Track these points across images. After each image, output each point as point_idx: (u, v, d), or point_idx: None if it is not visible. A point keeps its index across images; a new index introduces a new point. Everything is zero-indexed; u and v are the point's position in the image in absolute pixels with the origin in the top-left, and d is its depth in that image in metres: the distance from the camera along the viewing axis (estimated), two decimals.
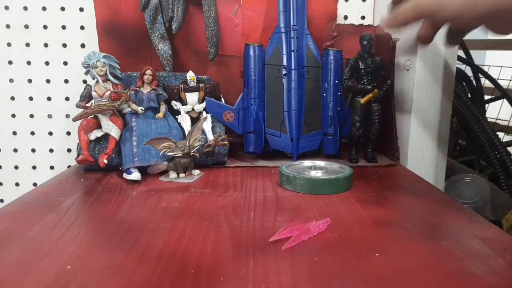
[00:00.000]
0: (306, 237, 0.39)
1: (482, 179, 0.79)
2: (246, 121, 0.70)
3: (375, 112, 0.69)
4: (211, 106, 0.70)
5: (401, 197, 0.55)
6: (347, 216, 0.46)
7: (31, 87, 0.84)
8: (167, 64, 0.74)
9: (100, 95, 0.65)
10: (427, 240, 0.40)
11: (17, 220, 0.45)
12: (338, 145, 0.72)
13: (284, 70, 0.71)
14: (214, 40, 0.73)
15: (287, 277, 0.32)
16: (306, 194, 0.54)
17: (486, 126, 0.85)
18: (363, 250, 0.37)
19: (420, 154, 0.71)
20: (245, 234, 0.41)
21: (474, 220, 0.45)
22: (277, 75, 0.71)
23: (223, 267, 0.34)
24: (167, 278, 0.32)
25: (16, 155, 0.86)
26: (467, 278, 0.33)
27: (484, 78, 1.07)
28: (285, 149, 0.71)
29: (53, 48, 0.82)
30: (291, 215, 0.46)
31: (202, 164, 0.66)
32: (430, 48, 0.67)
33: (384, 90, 0.68)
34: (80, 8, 0.81)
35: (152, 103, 0.67)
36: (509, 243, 0.38)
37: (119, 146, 0.64)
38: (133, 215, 0.46)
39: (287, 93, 0.71)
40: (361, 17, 0.84)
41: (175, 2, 0.72)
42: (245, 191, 0.55)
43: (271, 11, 0.76)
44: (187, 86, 0.70)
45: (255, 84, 0.70)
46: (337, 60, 0.71)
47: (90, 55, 0.65)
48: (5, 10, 0.81)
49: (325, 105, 0.72)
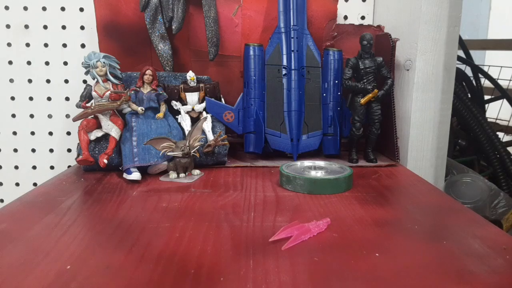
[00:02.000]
0: (306, 237, 0.40)
1: (482, 179, 0.79)
2: (246, 121, 0.70)
3: (375, 112, 0.69)
4: (211, 106, 0.70)
5: (401, 197, 0.55)
6: (347, 216, 0.46)
7: (31, 87, 0.84)
8: (167, 64, 0.74)
9: (100, 95, 0.65)
10: (427, 240, 0.40)
11: (17, 220, 0.45)
12: (338, 145, 0.72)
13: (284, 70, 0.71)
14: (214, 40, 0.73)
15: (287, 277, 0.32)
16: (306, 194, 0.54)
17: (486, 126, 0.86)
18: (363, 250, 0.37)
19: (420, 154, 0.71)
20: (245, 234, 0.41)
21: (474, 220, 0.45)
22: (277, 75, 0.71)
23: (223, 267, 0.34)
24: (167, 278, 0.32)
25: (16, 155, 0.86)
26: (467, 278, 0.33)
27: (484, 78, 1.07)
28: (285, 149, 0.71)
29: (53, 48, 0.82)
30: (291, 215, 0.46)
31: (202, 164, 0.66)
32: (430, 48, 0.67)
33: (384, 90, 0.68)
34: (80, 8, 0.81)
35: (152, 103, 0.67)
36: (509, 243, 0.38)
37: (119, 146, 0.64)
38: (133, 215, 0.46)
39: (287, 93, 0.71)
40: (361, 17, 0.84)
41: (175, 2, 0.72)
42: (245, 191, 0.55)
43: (271, 11, 0.76)
44: (187, 86, 0.70)
45: (255, 84, 0.70)
46: (337, 60, 0.71)
47: (90, 55, 0.65)
48: (5, 10, 0.81)
49: (325, 105, 0.72)
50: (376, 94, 0.68)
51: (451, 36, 0.68)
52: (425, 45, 0.67)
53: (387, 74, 0.68)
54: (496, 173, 0.84)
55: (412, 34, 0.69)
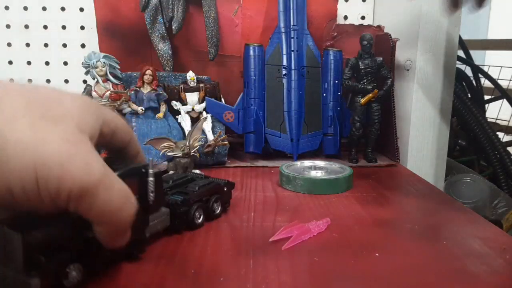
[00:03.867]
0: (306, 237, 0.39)
1: (482, 179, 0.79)
2: (246, 121, 0.70)
3: (375, 112, 0.69)
4: (211, 106, 0.70)
5: (401, 197, 0.55)
6: (347, 216, 0.46)
7: None
8: (167, 64, 0.74)
9: (100, 95, 0.65)
10: (427, 240, 0.40)
11: None
12: (338, 145, 0.72)
13: (284, 70, 0.71)
14: (214, 40, 0.73)
15: (287, 277, 0.32)
16: (306, 194, 0.54)
17: (486, 126, 0.86)
18: (363, 250, 0.37)
19: (420, 154, 0.71)
20: (245, 234, 0.41)
21: (474, 220, 0.45)
22: (277, 75, 0.71)
23: (223, 267, 0.34)
24: (167, 278, 0.32)
25: None
26: (467, 278, 0.33)
27: (484, 78, 1.07)
28: (285, 149, 0.71)
29: (53, 48, 0.82)
30: (291, 215, 0.46)
31: (202, 164, 0.66)
32: (430, 48, 0.67)
33: (384, 90, 0.68)
34: (80, 8, 0.81)
35: (152, 103, 0.67)
36: (509, 243, 0.38)
37: None
38: None
39: (287, 93, 0.71)
40: (361, 17, 0.84)
41: (175, 2, 0.72)
42: (245, 191, 0.55)
43: (271, 11, 0.76)
44: (187, 86, 0.70)
45: (255, 84, 0.70)
46: (337, 60, 0.71)
47: (90, 55, 0.65)
48: (5, 10, 0.81)
49: (325, 105, 0.72)
50: (376, 94, 0.68)
51: (451, 36, 0.68)
52: (425, 45, 0.67)
53: (387, 74, 0.68)
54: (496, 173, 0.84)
55: (412, 34, 0.68)
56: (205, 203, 0.43)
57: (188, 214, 0.41)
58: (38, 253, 0.27)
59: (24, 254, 0.26)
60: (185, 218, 0.40)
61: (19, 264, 0.26)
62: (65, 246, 0.28)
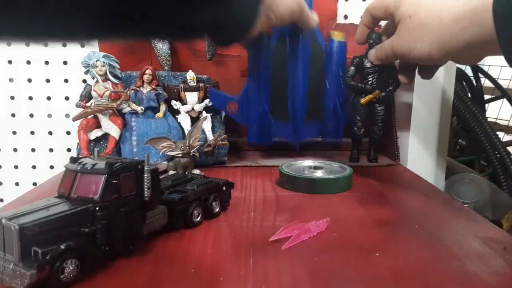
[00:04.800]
0: (306, 237, 0.39)
1: (482, 179, 0.79)
2: (249, 111, 0.69)
3: (379, 113, 0.68)
4: (214, 97, 0.69)
5: (401, 197, 0.55)
6: (347, 216, 0.46)
7: (31, 87, 0.83)
8: (165, 64, 0.74)
9: (100, 94, 0.65)
10: (427, 240, 0.40)
11: None
12: (340, 132, 0.71)
13: (288, 59, 0.70)
14: None
15: (287, 277, 0.32)
16: (306, 194, 0.54)
17: (486, 126, 0.85)
18: (363, 250, 0.37)
19: (420, 154, 0.71)
20: (245, 234, 0.41)
21: (474, 220, 0.45)
22: (281, 64, 0.70)
23: (223, 267, 0.34)
24: (167, 277, 0.32)
25: (16, 154, 0.86)
26: (467, 278, 0.33)
27: (484, 78, 1.07)
28: (288, 137, 0.70)
29: (53, 48, 0.82)
30: (291, 215, 0.46)
31: (202, 164, 0.66)
32: None
33: (387, 92, 0.67)
34: None
35: (152, 102, 0.67)
36: (509, 243, 0.38)
37: (119, 146, 0.64)
38: None
39: (290, 82, 0.70)
40: (361, 17, 0.83)
41: None
42: (245, 191, 0.55)
43: None
44: (187, 86, 0.69)
45: (259, 73, 0.69)
46: (341, 50, 0.71)
47: (90, 54, 0.65)
48: None
49: (328, 93, 0.71)
50: (377, 95, 0.67)
51: None
52: None
53: (393, 76, 0.66)
54: (496, 173, 0.84)
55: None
56: (203, 201, 0.43)
57: (186, 212, 0.41)
58: (34, 245, 0.28)
59: (20, 245, 0.28)
60: (183, 216, 0.41)
61: (16, 255, 0.28)
62: (62, 240, 0.29)
